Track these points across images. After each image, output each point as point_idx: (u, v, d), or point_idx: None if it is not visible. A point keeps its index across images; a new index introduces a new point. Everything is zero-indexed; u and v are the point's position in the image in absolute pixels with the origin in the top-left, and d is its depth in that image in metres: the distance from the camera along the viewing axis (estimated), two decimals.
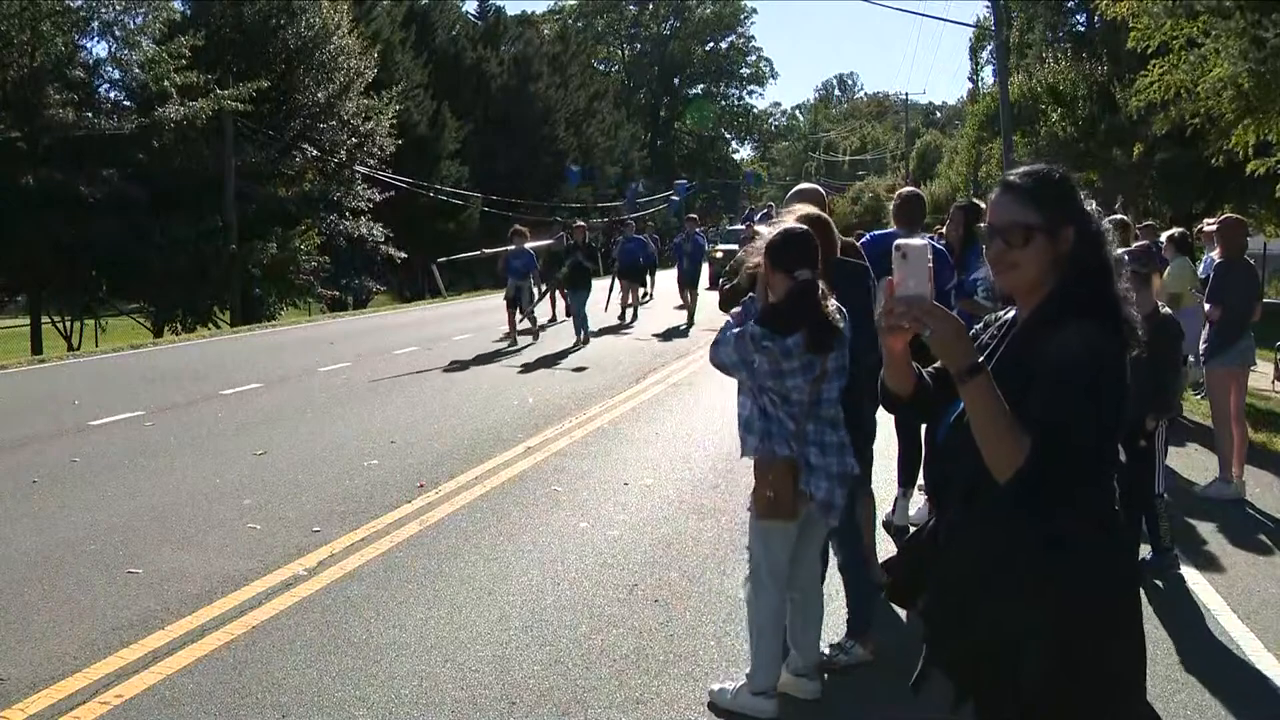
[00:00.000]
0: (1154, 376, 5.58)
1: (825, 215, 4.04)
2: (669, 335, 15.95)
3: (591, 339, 14.66)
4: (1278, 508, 6.49)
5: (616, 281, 18.76)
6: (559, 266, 15.80)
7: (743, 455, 3.72)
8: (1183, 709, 3.77)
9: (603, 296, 18.01)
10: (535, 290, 15.24)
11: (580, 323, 14.70)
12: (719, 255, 24.00)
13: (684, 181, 23.84)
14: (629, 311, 18.45)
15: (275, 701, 3.71)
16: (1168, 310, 5.69)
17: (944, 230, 6.41)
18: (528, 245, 15.36)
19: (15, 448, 7.79)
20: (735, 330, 3.58)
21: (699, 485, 6.71)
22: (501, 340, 14.64)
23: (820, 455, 3.55)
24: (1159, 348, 5.88)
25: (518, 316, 14.69)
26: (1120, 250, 6.27)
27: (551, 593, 4.82)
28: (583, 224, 17.43)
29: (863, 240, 5.28)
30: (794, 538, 3.65)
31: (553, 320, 16.74)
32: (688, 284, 18.29)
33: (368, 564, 5.18)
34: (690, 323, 17.31)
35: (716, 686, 3.78)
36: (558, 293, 17.90)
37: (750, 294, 3.71)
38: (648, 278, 21.98)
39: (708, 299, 19.42)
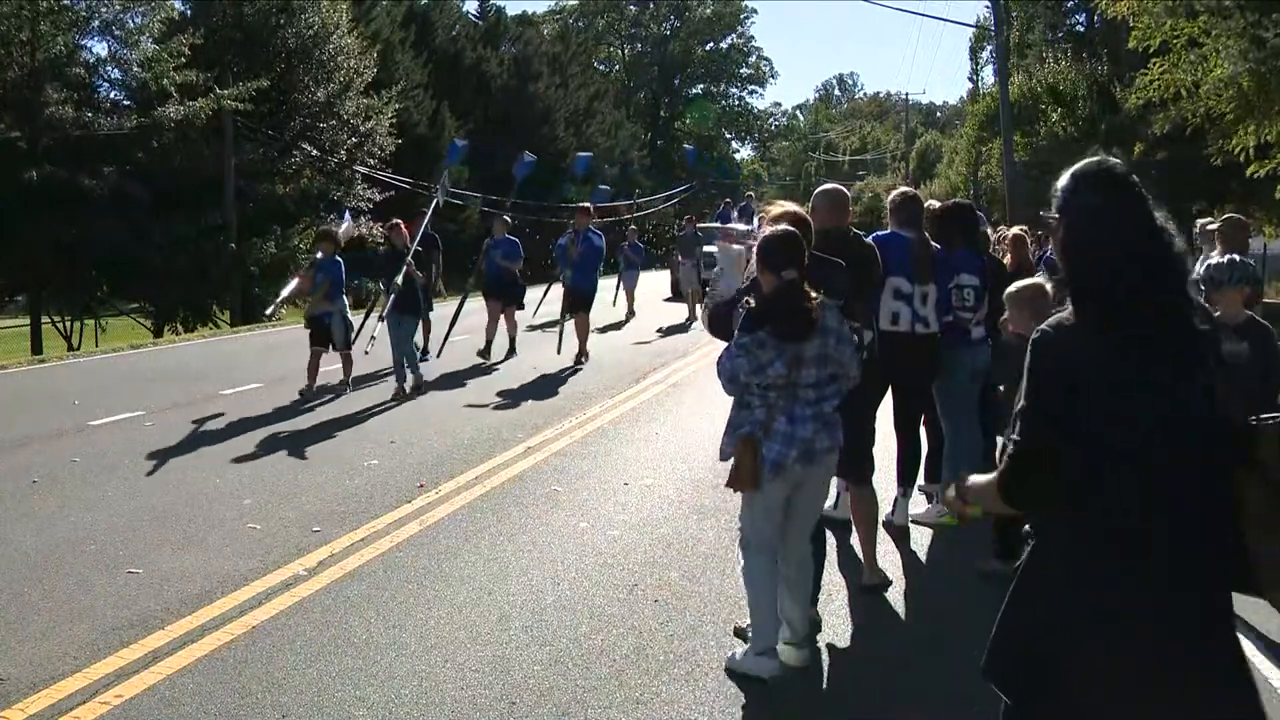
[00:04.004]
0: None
1: (804, 214, 4.21)
2: (519, 397, 10.06)
3: (423, 387, 10.24)
4: None
5: (484, 301, 13.17)
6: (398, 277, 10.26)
7: (721, 459, 3.97)
8: None
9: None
10: (347, 316, 10.20)
11: (408, 363, 10.13)
12: (679, 260, 19.44)
13: (586, 155, 19.46)
14: (510, 342, 12.86)
15: (275, 701, 3.71)
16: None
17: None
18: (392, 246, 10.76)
19: (15, 448, 7.79)
20: (725, 349, 3.85)
21: (699, 485, 6.71)
22: (301, 398, 9.73)
23: (787, 424, 3.78)
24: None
25: (354, 352, 10.39)
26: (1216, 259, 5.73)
27: (551, 593, 4.82)
28: (399, 221, 11.47)
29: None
30: (777, 511, 3.90)
31: (424, 355, 11.42)
32: (578, 304, 12.35)
33: (368, 564, 5.18)
34: (584, 358, 12.24)
35: (729, 654, 4.03)
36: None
37: (744, 300, 3.90)
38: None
39: (633, 327, 16.26)
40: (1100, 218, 2.08)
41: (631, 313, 18.16)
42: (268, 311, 13.76)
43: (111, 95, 23.28)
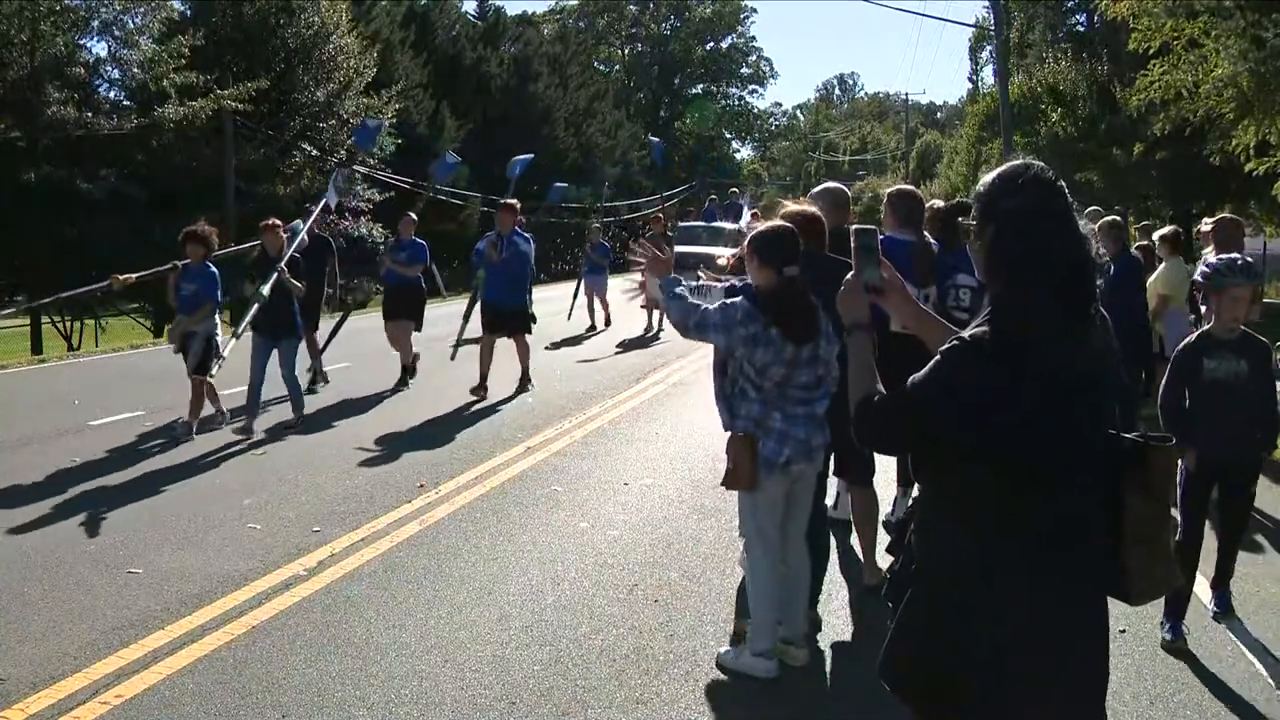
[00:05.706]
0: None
1: (817, 214, 4.27)
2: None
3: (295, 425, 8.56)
4: (1278, 508, 6.48)
5: (384, 321, 11.05)
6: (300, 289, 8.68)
7: (726, 429, 3.97)
8: (1183, 709, 3.77)
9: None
10: (213, 338, 8.21)
11: (290, 393, 8.66)
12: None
13: (525, 157, 14.00)
14: (412, 372, 10.83)
15: (275, 701, 3.71)
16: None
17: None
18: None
19: (15, 448, 7.79)
20: (721, 303, 3.79)
21: (699, 485, 6.71)
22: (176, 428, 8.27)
23: (781, 421, 3.80)
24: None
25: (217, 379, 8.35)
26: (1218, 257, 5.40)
27: (551, 593, 4.82)
28: (275, 221, 9.26)
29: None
30: (778, 508, 3.91)
31: (318, 379, 10.51)
32: (511, 324, 10.17)
33: (368, 564, 5.18)
34: (526, 383, 10.33)
35: (723, 649, 4.05)
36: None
37: (733, 282, 3.97)
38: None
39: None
40: (1035, 221, 1.97)
41: (608, 320, 16.20)
42: (168, 300, 9.37)
43: (111, 95, 23.31)
